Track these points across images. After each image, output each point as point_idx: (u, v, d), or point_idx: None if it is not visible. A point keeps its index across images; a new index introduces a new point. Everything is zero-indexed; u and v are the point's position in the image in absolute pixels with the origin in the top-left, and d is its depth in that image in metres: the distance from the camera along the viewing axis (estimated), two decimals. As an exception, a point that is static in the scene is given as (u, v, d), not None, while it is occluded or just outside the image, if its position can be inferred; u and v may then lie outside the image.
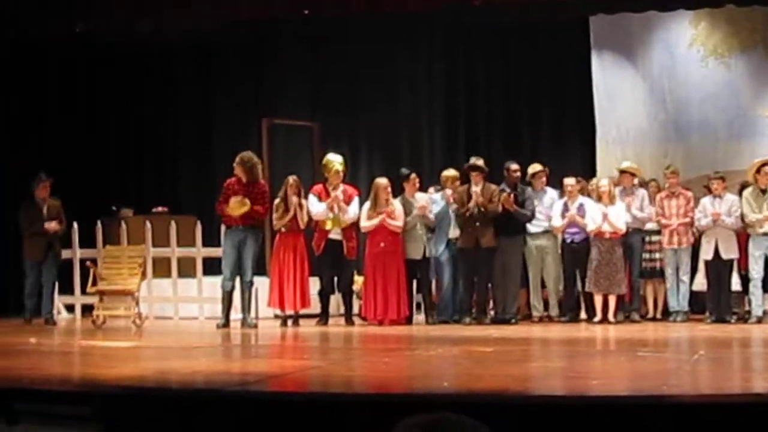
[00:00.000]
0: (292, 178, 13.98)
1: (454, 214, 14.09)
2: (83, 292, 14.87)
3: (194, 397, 6.54)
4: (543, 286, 14.46)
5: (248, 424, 5.94)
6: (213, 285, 14.44)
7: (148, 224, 15.25)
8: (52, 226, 14.55)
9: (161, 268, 15.27)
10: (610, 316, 13.65)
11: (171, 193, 17.62)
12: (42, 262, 14.60)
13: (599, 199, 13.91)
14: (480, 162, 14.25)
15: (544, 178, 14.59)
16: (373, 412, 5.72)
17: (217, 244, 14.45)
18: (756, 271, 13.37)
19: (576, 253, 14.02)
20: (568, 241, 14.07)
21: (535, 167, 14.57)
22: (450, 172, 14.63)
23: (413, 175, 14.47)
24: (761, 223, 13.30)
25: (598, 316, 13.72)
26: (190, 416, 6.11)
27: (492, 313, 14.22)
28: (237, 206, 13.31)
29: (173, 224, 15.20)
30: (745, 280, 13.60)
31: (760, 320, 13.33)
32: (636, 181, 14.56)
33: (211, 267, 14.96)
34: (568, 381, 7.79)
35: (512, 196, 13.97)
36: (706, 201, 13.78)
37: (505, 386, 7.01)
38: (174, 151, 18.15)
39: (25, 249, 14.71)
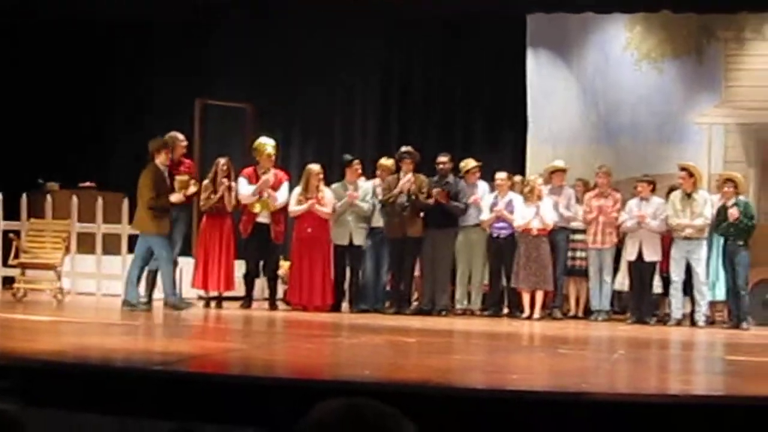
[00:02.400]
0: (222, 160, 13.93)
1: (379, 202, 14.10)
2: (5, 264, 14.68)
3: (114, 374, 6.50)
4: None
5: (167, 403, 5.91)
6: (137, 263, 14.31)
7: (75, 199, 15.11)
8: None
9: (86, 244, 15.12)
10: (536, 312, 13.75)
11: (100, 169, 17.43)
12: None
13: (528, 195, 13.99)
14: (411, 149, 14.26)
15: (478, 174, 14.62)
16: (293, 397, 5.72)
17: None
18: (677, 274, 13.54)
19: (502, 248, 14.10)
20: (495, 236, 14.15)
21: (469, 163, 14.60)
22: (386, 161, 14.62)
23: (356, 161, 14.44)
24: (683, 227, 13.47)
25: (526, 312, 13.82)
26: (109, 393, 6.06)
27: (415, 303, 14.28)
28: (183, 186, 13.25)
29: (100, 200, 15.06)
30: (667, 283, 13.76)
31: (679, 323, 13.51)
32: (565, 180, 14.69)
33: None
34: (488, 375, 7.83)
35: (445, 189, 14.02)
36: (632, 203, 13.93)
37: (426, 377, 7.04)
38: (106, 127, 17.97)
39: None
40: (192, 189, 13.33)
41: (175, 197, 12.92)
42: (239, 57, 17.50)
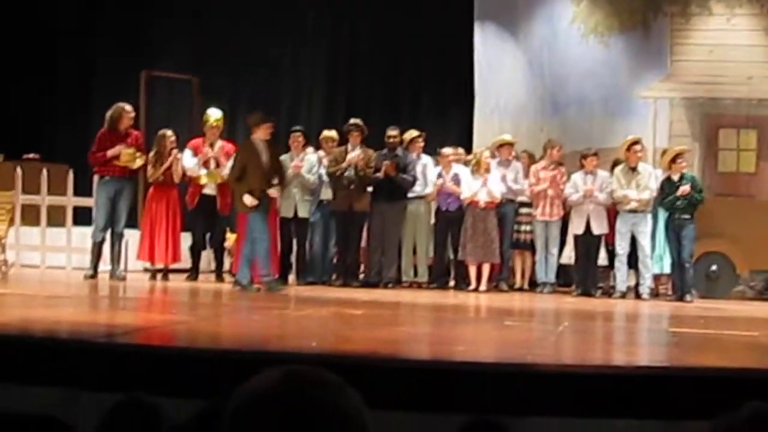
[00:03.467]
0: (168, 132, 13.84)
1: (327, 174, 14.08)
2: (-53, 236, 14.53)
3: (58, 346, 6.45)
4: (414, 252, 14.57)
5: (113, 375, 5.88)
6: (82, 235, 14.24)
7: (19, 170, 14.94)
8: None
9: (30, 216, 14.98)
10: (482, 285, 13.81)
11: (45, 140, 17.30)
12: None
13: (476, 168, 14.02)
14: (359, 122, 14.24)
15: (422, 144, 14.61)
16: (239, 369, 5.71)
17: (89, 194, 14.22)
18: (622, 247, 13.64)
19: (449, 221, 14.13)
20: (443, 209, 14.18)
21: (412, 133, 14.59)
22: (329, 133, 14.59)
23: (299, 134, 14.39)
24: (627, 200, 13.55)
25: (472, 285, 13.87)
26: (53, 366, 6.02)
27: (362, 276, 14.30)
28: (130, 158, 13.16)
29: (45, 172, 14.92)
30: (612, 256, 13.87)
31: (623, 295, 13.62)
32: (513, 153, 14.73)
33: (82, 217, 14.73)
34: (434, 346, 7.86)
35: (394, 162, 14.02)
36: (577, 176, 14.00)
37: (373, 349, 7.05)
38: (50, 99, 17.81)
39: None
40: (139, 162, 13.29)
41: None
42: (185, 28, 17.42)
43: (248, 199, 12.12)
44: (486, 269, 13.91)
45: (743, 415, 2.38)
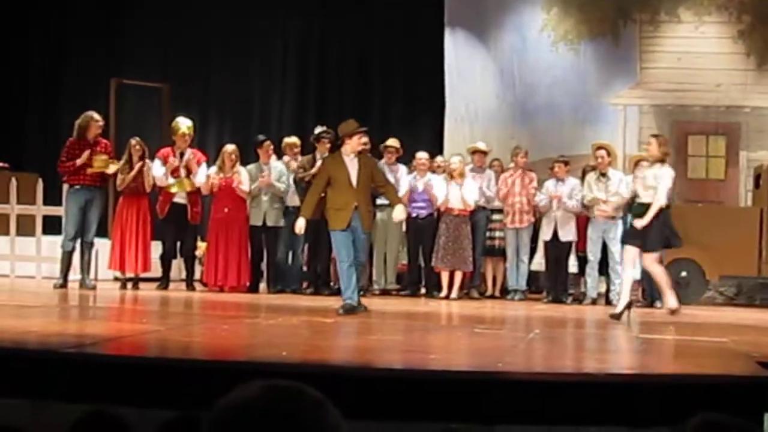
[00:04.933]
0: (135, 140, 13.80)
1: (293, 182, 14.03)
2: None
3: (27, 356, 6.41)
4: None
5: (83, 386, 5.85)
6: (52, 244, 14.17)
7: (-12, 179, 14.86)
8: None
9: (-1, 225, 14.91)
10: (454, 292, 13.82)
11: (13, 149, 17.20)
12: None
13: (450, 176, 14.02)
14: (325, 130, 14.20)
15: (394, 152, 14.53)
16: (210, 379, 5.69)
17: (58, 203, 14.16)
18: (593, 254, 13.69)
19: (421, 228, 14.14)
20: (414, 216, 14.18)
21: (393, 143, 14.51)
22: (291, 139, 14.57)
23: (267, 142, 14.37)
24: (597, 201, 13.56)
25: (444, 292, 13.88)
26: (23, 377, 5.99)
27: (332, 284, 14.27)
28: (103, 164, 13.15)
29: (14, 180, 14.83)
30: (582, 262, 13.92)
31: (594, 302, 13.67)
32: (486, 161, 14.76)
33: (51, 226, 14.66)
34: (406, 355, 7.85)
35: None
36: (549, 183, 14.04)
37: (344, 358, 7.04)
38: (19, 107, 17.74)
39: None
40: (112, 167, 13.27)
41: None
42: (154, 36, 17.39)
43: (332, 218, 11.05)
44: (458, 276, 13.92)
45: (692, 425, 2.42)
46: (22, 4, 17.12)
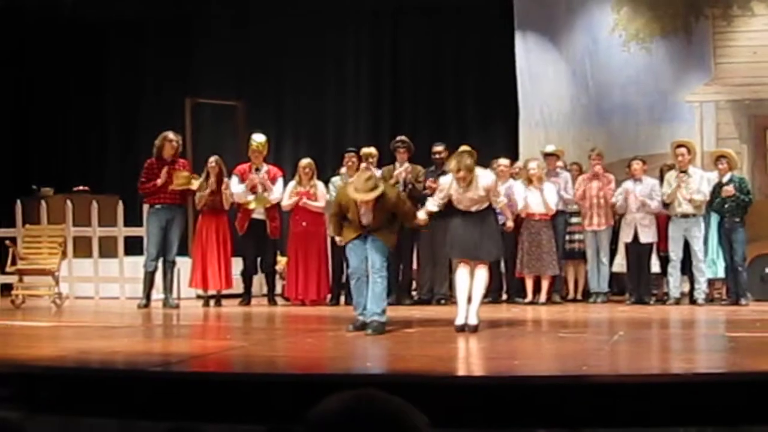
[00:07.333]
0: (213, 158, 13.88)
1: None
2: (2, 271, 14.63)
3: (115, 377, 6.49)
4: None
5: (170, 404, 5.90)
6: (134, 265, 14.34)
7: (69, 203, 15.07)
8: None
9: (82, 248, 15.09)
10: (542, 297, 13.74)
11: (93, 172, 17.45)
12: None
13: (529, 181, 13.96)
14: (405, 138, 14.21)
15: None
16: (296, 393, 5.71)
17: (139, 224, 14.33)
18: (675, 253, 13.54)
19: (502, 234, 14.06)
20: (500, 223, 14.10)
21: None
22: (369, 150, 14.54)
23: (353, 154, 14.28)
24: (673, 196, 13.42)
25: (528, 298, 13.82)
26: (111, 397, 6.06)
27: (414, 294, 14.27)
28: (185, 181, 13.28)
29: (95, 203, 15.03)
30: (665, 262, 13.77)
31: (677, 302, 13.51)
32: (560, 163, 14.68)
33: (133, 247, 14.84)
34: (490, 362, 7.84)
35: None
36: (627, 184, 13.91)
37: (429, 367, 7.03)
38: (97, 130, 17.98)
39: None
40: (195, 183, 13.39)
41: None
42: (228, 54, 17.52)
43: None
44: (546, 281, 13.84)
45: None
46: (99, 29, 17.36)
